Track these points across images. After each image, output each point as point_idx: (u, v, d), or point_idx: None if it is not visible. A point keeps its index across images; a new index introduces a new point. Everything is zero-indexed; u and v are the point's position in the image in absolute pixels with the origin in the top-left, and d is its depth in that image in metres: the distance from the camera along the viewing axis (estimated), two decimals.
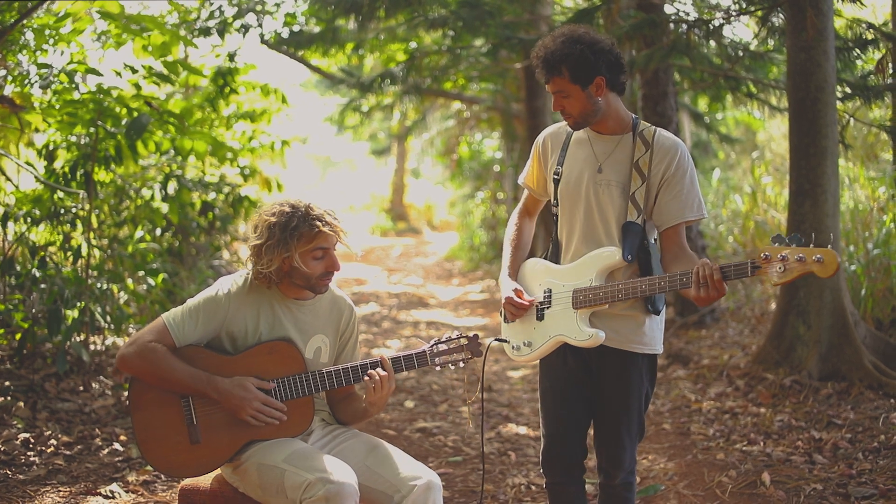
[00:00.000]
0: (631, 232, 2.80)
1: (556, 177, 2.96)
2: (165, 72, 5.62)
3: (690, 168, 2.82)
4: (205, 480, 2.89)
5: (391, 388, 2.79)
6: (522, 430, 5.25)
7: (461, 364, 2.90)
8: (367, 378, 2.77)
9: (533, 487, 4.24)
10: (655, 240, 2.94)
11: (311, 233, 2.71)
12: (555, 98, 2.83)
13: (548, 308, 2.90)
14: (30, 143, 6.77)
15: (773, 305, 7.40)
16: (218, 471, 2.86)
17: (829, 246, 2.37)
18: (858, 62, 6.18)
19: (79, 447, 4.31)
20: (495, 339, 3.10)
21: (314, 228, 2.70)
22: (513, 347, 3.01)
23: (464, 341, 2.90)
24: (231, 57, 7.88)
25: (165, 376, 2.66)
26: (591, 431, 3.03)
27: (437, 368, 2.90)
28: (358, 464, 2.70)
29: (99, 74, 5.11)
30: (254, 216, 2.86)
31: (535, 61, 2.84)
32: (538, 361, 3.04)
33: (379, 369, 2.78)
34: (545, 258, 3.03)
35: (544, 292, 2.92)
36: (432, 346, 2.88)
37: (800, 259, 2.37)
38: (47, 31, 5.34)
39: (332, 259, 2.79)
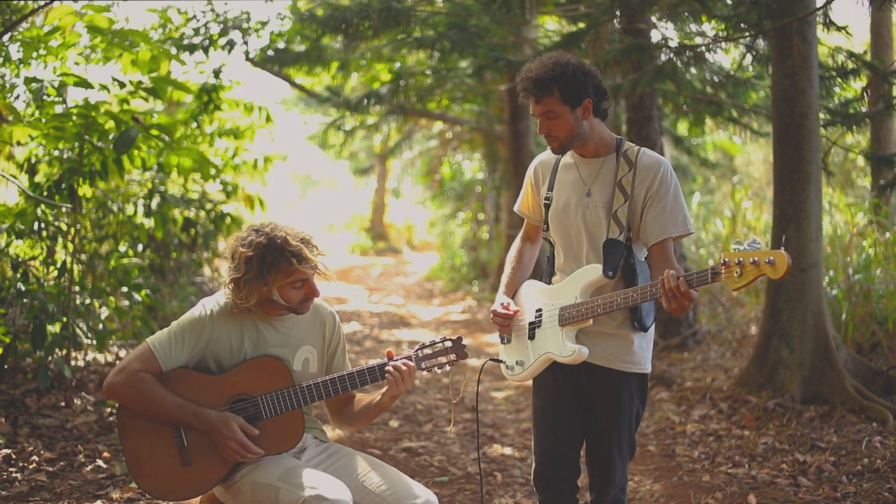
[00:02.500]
0: (613, 249, 2.82)
1: (546, 202, 3.00)
2: (153, 87, 5.58)
3: (674, 185, 2.84)
4: (194, 499, 2.85)
5: (413, 379, 2.83)
6: (508, 450, 5.24)
7: (447, 367, 2.91)
8: (388, 373, 2.79)
9: None
10: (646, 259, 2.96)
11: (288, 268, 2.68)
12: (541, 120, 2.85)
13: (538, 327, 2.93)
14: (10, 157, 6.70)
15: (754, 329, 7.47)
16: None
17: (782, 248, 2.43)
18: (837, 90, 6.30)
19: (61, 464, 4.25)
20: (491, 360, 3.11)
21: (291, 264, 2.67)
22: (507, 367, 3.04)
23: (448, 344, 2.91)
24: (216, 73, 7.86)
25: (152, 406, 2.63)
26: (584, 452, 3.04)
27: (424, 373, 2.89)
28: (353, 482, 2.68)
29: (89, 86, 5.07)
30: (230, 241, 2.83)
31: (523, 83, 2.85)
32: (531, 381, 3.05)
33: (398, 362, 2.79)
34: (541, 279, 3.06)
35: (536, 312, 2.95)
36: (417, 350, 2.89)
37: (754, 262, 2.45)
38: (34, 44, 5.30)
39: (310, 287, 2.78)
